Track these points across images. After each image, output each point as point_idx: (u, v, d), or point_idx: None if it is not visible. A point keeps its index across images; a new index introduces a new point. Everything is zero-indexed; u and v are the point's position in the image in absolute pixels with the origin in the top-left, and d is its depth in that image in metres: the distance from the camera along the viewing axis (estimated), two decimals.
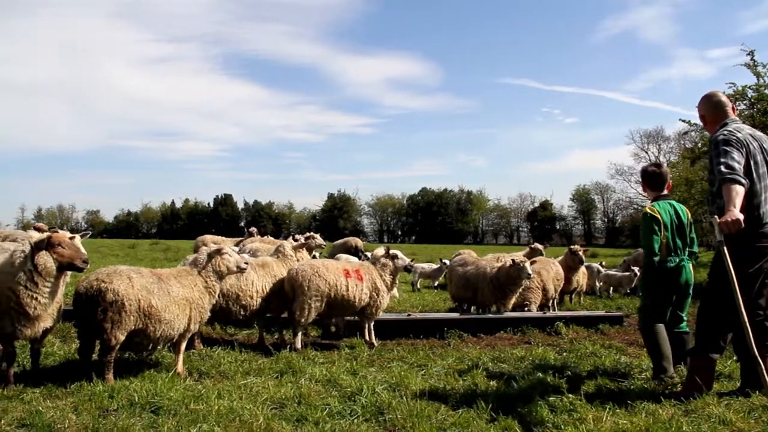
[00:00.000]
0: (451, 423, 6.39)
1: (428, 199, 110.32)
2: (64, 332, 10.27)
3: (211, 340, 10.62)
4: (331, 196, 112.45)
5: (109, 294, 7.52)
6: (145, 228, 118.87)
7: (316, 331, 11.97)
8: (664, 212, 7.98)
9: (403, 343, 11.01)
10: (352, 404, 6.99)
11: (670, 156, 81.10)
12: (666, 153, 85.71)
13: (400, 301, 15.97)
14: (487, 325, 12.17)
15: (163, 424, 6.15)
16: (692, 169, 31.55)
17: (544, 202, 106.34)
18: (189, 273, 8.59)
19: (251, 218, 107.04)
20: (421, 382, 8.10)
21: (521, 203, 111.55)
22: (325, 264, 10.78)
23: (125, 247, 43.96)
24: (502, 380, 8.24)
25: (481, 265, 13.41)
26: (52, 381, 7.58)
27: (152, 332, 7.89)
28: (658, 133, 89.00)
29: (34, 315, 7.27)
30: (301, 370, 8.57)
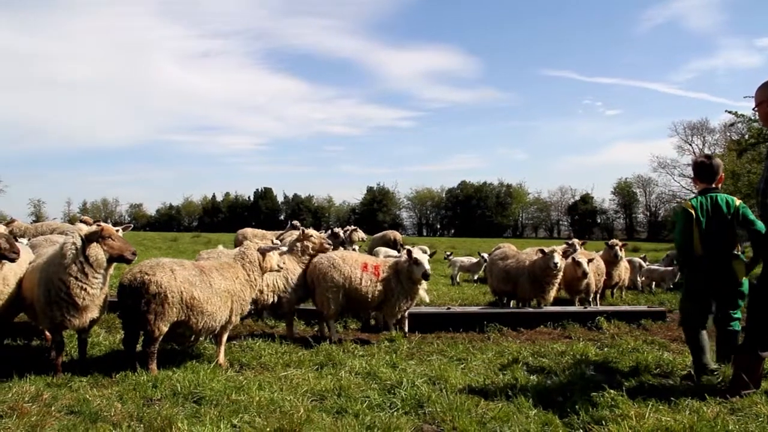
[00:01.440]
0: (491, 417, 6.38)
1: (467, 193, 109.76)
2: (110, 323, 10.47)
3: (253, 333, 10.76)
4: (370, 190, 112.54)
5: (152, 286, 7.67)
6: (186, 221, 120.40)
7: (356, 324, 12.02)
8: (699, 207, 7.63)
9: (443, 336, 11.01)
10: (392, 397, 7.02)
11: (715, 148, 79.26)
12: (711, 145, 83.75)
13: (440, 295, 15.94)
14: (527, 319, 12.10)
15: (206, 414, 6.26)
16: (739, 161, 30.68)
17: (585, 195, 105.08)
18: (231, 266, 8.70)
19: (291, 211, 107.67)
20: (461, 375, 8.09)
21: (561, 197, 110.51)
22: (344, 256, 10.79)
23: (167, 240, 44.62)
24: (543, 375, 8.20)
25: (521, 258, 13.31)
26: (98, 370, 7.78)
27: (194, 324, 8.02)
28: (702, 125, 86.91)
29: (83, 305, 7.46)
30: (341, 362, 8.63)
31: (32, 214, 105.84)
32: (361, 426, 6.10)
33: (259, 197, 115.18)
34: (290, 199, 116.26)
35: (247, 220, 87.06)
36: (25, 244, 10.05)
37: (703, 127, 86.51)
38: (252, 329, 11.02)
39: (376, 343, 10.17)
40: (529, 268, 12.72)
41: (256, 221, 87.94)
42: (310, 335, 10.56)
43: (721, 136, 78.06)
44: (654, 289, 18.28)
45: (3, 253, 7.29)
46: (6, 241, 7.34)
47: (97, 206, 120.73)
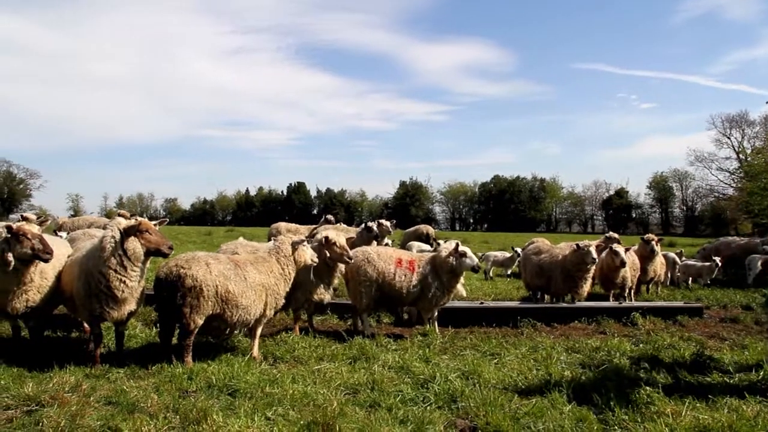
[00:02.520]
0: (525, 412, 6.36)
1: (501, 187, 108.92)
2: (146, 316, 10.62)
3: (287, 326, 10.83)
4: (403, 184, 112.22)
5: (188, 279, 7.76)
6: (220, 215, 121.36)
7: (389, 318, 12.03)
8: None
9: (476, 331, 10.97)
10: (425, 391, 7.03)
11: (755, 141, 77.51)
12: (750, 138, 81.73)
13: (473, 290, 15.89)
14: (561, 314, 12.01)
15: (240, 407, 6.33)
16: None
17: (620, 189, 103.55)
18: (265, 260, 8.76)
19: (324, 206, 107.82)
20: (495, 370, 8.07)
21: (596, 191, 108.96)
22: (378, 251, 10.79)
23: (201, 234, 45.09)
24: (577, 371, 8.13)
25: (555, 253, 13.21)
26: (135, 362, 7.93)
27: (229, 317, 8.10)
28: (742, 118, 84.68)
29: (122, 298, 7.59)
30: (374, 356, 8.65)
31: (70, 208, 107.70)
32: (395, 420, 6.12)
33: (292, 192, 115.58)
34: (323, 193, 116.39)
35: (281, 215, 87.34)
36: (64, 237, 10.26)
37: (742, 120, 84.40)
38: (286, 323, 11.09)
39: (409, 337, 10.18)
40: (561, 262, 12.62)
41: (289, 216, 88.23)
42: (343, 329, 10.60)
43: (761, 128, 76.39)
44: (690, 285, 18.00)
45: (37, 253, 7.46)
46: (40, 242, 7.49)
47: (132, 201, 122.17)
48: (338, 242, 9.66)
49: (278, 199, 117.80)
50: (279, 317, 11.03)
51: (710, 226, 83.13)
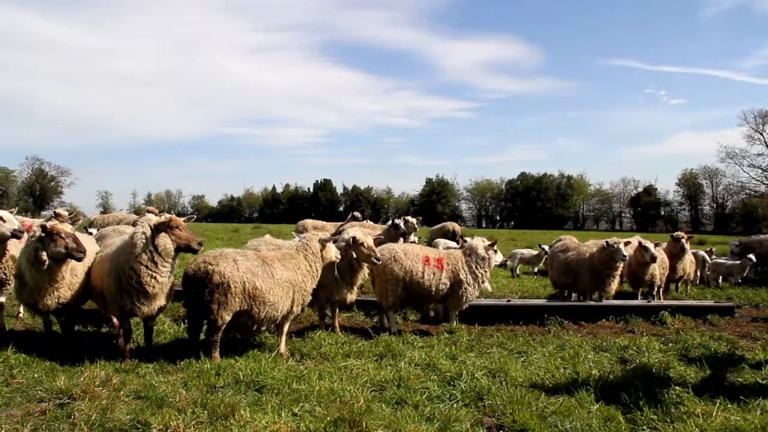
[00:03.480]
0: (552, 411, 6.32)
1: (527, 184, 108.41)
2: (174, 312, 10.73)
3: (313, 323, 10.88)
4: (429, 181, 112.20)
5: (215, 276, 7.83)
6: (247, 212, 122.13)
7: (415, 315, 12.03)
8: None
9: (503, 328, 10.93)
10: (452, 389, 7.03)
11: None
12: None
13: (500, 287, 15.84)
14: (589, 312, 11.92)
15: (267, 402, 6.38)
16: None
17: (648, 186, 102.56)
18: (293, 256, 8.80)
19: (350, 203, 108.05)
20: (521, 368, 8.04)
21: (624, 188, 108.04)
22: (405, 249, 10.75)
23: (229, 231, 45.41)
24: (605, 369, 8.07)
25: (582, 251, 13.11)
26: (163, 357, 8.01)
27: (257, 313, 8.16)
28: None
29: (152, 293, 7.69)
30: (400, 353, 8.66)
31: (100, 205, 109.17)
32: (421, 417, 6.13)
33: (318, 189, 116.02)
34: (349, 190, 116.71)
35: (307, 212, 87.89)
36: (94, 234, 10.39)
37: None
38: (312, 320, 11.13)
39: (435, 334, 10.17)
40: (589, 260, 12.52)
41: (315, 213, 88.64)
42: (369, 326, 10.61)
43: None
44: (721, 284, 17.75)
45: (70, 252, 7.59)
46: (73, 241, 7.62)
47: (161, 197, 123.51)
48: (366, 243, 9.65)
49: (305, 196, 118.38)
50: (305, 314, 11.08)
51: (741, 224, 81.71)
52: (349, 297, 10.04)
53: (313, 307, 10.17)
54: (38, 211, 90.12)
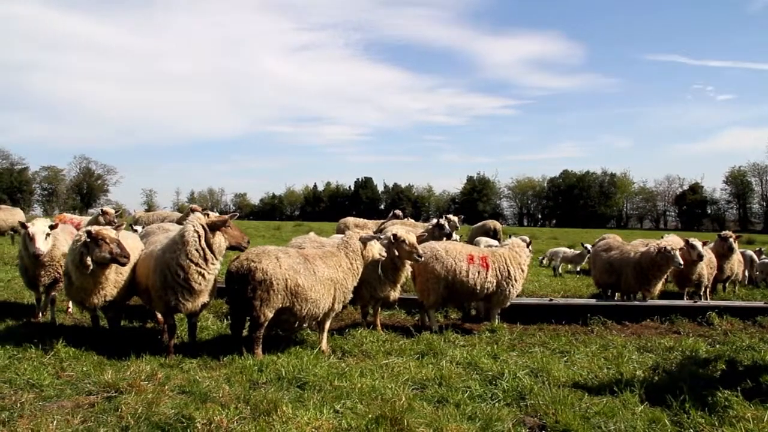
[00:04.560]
0: (596, 412, 6.25)
1: (569, 182, 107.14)
2: (217, 308, 10.86)
3: (355, 321, 10.92)
4: (470, 179, 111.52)
5: (258, 273, 7.91)
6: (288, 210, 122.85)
7: (457, 314, 11.99)
8: None
9: (545, 328, 10.83)
10: (493, 388, 6.99)
11: None
12: None
13: (541, 286, 15.68)
14: (633, 312, 11.75)
15: (309, 399, 6.42)
16: None
17: (694, 184, 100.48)
18: (334, 254, 8.85)
19: (391, 201, 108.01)
20: (564, 368, 7.96)
21: (669, 186, 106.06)
22: (447, 248, 10.67)
23: (270, 229, 45.77)
24: (649, 371, 7.95)
25: (626, 250, 12.92)
26: (207, 353, 8.13)
27: (298, 310, 8.22)
28: None
29: (198, 290, 7.83)
30: (441, 352, 8.65)
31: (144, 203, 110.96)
32: (462, 416, 6.11)
33: (359, 187, 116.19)
34: (390, 188, 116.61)
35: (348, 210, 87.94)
36: (139, 232, 10.57)
37: None
38: (354, 317, 11.17)
39: (477, 333, 10.13)
40: (635, 260, 12.32)
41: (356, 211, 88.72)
42: (411, 324, 10.61)
43: None
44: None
45: (115, 257, 7.76)
46: (117, 246, 7.77)
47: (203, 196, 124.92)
48: (408, 240, 9.63)
49: (346, 194, 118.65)
50: (346, 312, 11.12)
51: None
52: (392, 294, 10.06)
53: (356, 304, 10.22)
54: (85, 208, 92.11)
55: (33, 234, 8.84)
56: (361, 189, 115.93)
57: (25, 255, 9.36)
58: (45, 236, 8.94)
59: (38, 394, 6.51)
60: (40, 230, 8.91)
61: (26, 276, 9.71)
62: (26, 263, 9.50)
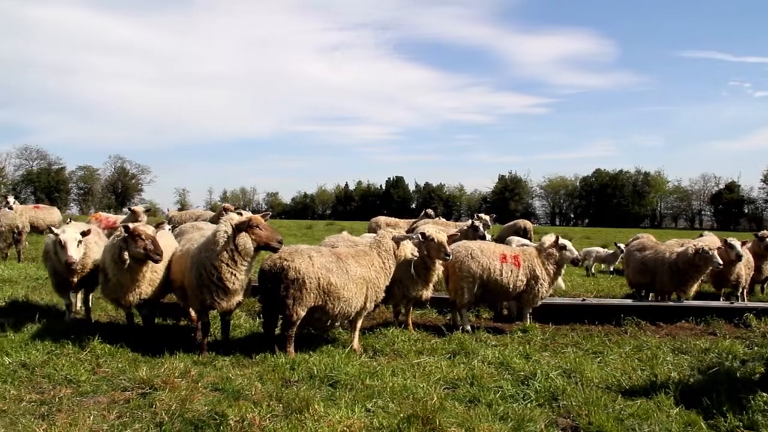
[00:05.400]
0: (629, 414, 6.18)
1: (602, 181, 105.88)
2: (250, 306, 10.94)
3: (386, 320, 10.93)
4: (501, 178, 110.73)
5: (291, 272, 7.95)
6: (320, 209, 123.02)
7: (488, 314, 11.94)
8: None
9: (578, 328, 10.74)
10: (525, 388, 6.95)
11: None
12: None
13: (574, 286, 15.56)
14: (667, 313, 11.57)
15: (341, 397, 6.44)
16: None
17: (731, 183, 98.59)
18: (366, 253, 8.87)
19: (422, 200, 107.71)
20: (597, 369, 7.89)
21: (704, 185, 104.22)
22: (481, 247, 10.65)
23: (302, 228, 45.94)
24: (684, 372, 7.84)
25: (660, 249, 12.75)
26: (239, 351, 8.21)
27: (331, 309, 8.25)
28: None
29: (232, 289, 7.90)
30: (473, 351, 8.63)
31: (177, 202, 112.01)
32: (494, 416, 6.09)
33: (390, 186, 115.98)
34: (421, 187, 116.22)
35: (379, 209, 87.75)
36: (175, 232, 10.68)
37: None
38: (385, 317, 11.18)
39: (509, 333, 10.07)
40: (671, 260, 12.15)
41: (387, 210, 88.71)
42: (442, 324, 10.59)
43: None
44: None
45: (148, 253, 7.88)
46: (152, 243, 7.90)
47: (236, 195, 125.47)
48: (437, 238, 9.61)
49: (377, 193, 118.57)
50: (378, 311, 11.13)
51: None
52: (424, 294, 10.05)
53: (388, 303, 10.23)
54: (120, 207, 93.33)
55: (65, 242, 8.58)
56: (393, 188, 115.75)
57: (56, 260, 9.12)
58: (77, 243, 8.70)
59: (75, 389, 6.65)
60: (72, 237, 8.69)
61: (56, 279, 9.49)
62: (57, 268, 9.25)
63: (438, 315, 11.66)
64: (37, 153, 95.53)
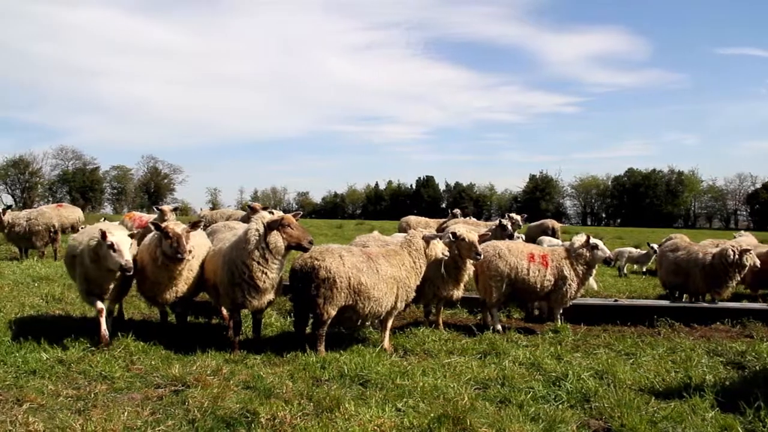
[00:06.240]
0: (663, 416, 6.09)
1: (635, 180, 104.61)
2: (281, 305, 11.00)
3: (417, 319, 10.93)
4: (532, 178, 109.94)
5: (321, 271, 7.99)
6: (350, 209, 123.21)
7: (519, 314, 11.87)
8: None
9: (610, 329, 10.62)
10: (557, 389, 6.90)
11: None
12: None
13: (606, 286, 15.40)
14: (702, 314, 11.38)
15: (371, 397, 6.46)
16: None
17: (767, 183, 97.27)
18: (397, 253, 8.87)
19: (452, 200, 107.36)
20: (630, 371, 7.79)
21: (740, 184, 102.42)
22: (509, 246, 10.63)
23: (333, 227, 46.08)
24: (720, 375, 7.71)
25: (694, 250, 12.57)
26: (270, 349, 8.27)
27: (361, 308, 8.27)
28: None
29: (263, 288, 7.95)
30: (504, 351, 8.58)
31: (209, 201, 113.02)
32: (525, 417, 6.05)
33: (421, 185, 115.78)
34: (452, 187, 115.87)
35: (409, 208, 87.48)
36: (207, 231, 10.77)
37: None
38: (415, 316, 11.17)
39: (540, 333, 10.01)
40: (704, 260, 11.97)
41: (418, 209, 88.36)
42: (473, 323, 10.54)
43: None
44: None
45: (173, 252, 7.87)
46: (176, 242, 7.85)
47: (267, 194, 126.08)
48: (468, 238, 9.58)
49: (407, 192, 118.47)
50: (409, 310, 11.12)
51: None
52: (455, 293, 10.05)
53: (418, 303, 10.22)
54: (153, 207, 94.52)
55: (118, 245, 7.81)
56: (423, 188, 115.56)
57: (92, 267, 8.23)
58: (130, 246, 8.06)
59: (110, 385, 6.75)
60: (126, 240, 8.01)
61: (87, 286, 8.53)
62: (92, 273, 8.34)
63: (469, 315, 11.63)
64: (72, 153, 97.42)
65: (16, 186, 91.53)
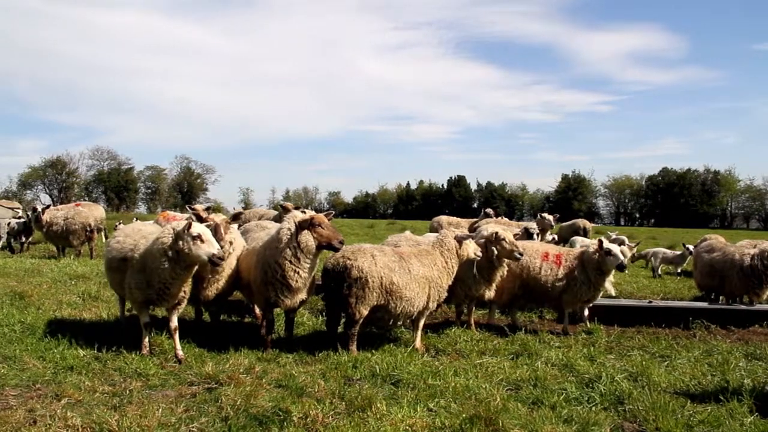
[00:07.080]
0: (699, 420, 6.01)
1: (669, 180, 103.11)
2: (313, 305, 11.06)
3: (448, 319, 10.90)
4: (565, 177, 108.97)
5: (354, 271, 8.01)
6: (381, 208, 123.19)
7: (552, 315, 11.77)
8: None
9: (644, 331, 10.48)
10: (590, 391, 6.84)
11: None
12: None
13: (640, 288, 15.21)
14: (739, 317, 11.18)
15: (403, 396, 6.46)
16: None
17: None
18: (429, 253, 8.86)
19: (484, 199, 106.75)
20: (665, 373, 7.69)
21: None
22: (524, 245, 10.48)
23: (364, 227, 46.18)
24: (759, 379, 7.56)
25: (729, 251, 12.35)
26: (302, 348, 8.32)
27: (393, 308, 8.28)
28: None
29: (296, 287, 8.00)
30: (536, 352, 8.54)
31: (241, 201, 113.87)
32: (558, 419, 6.00)
33: (452, 185, 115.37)
34: (483, 187, 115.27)
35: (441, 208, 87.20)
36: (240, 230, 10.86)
37: None
38: (447, 316, 11.15)
39: (572, 334, 9.93)
40: (740, 261, 11.76)
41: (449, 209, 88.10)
42: (505, 324, 10.49)
43: None
44: None
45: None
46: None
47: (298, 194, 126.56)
48: (507, 238, 9.54)
49: (438, 192, 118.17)
50: (441, 310, 11.11)
51: None
52: (487, 294, 10.01)
53: (450, 302, 10.20)
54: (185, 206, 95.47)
55: (204, 234, 7.33)
56: (454, 187, 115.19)
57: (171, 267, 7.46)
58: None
59: (145, 382, 6.85)
60: (207, 230, 7.51)
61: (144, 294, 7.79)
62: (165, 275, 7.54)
63: (500, 315, 11.57)
64: (107, 154, 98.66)
65: (53, 186, 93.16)
